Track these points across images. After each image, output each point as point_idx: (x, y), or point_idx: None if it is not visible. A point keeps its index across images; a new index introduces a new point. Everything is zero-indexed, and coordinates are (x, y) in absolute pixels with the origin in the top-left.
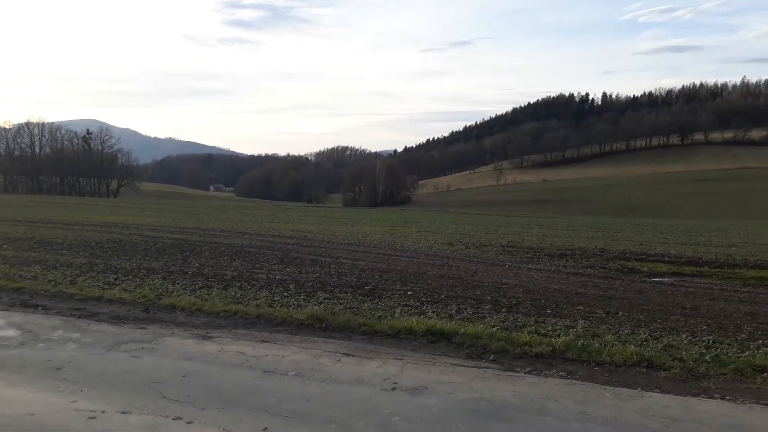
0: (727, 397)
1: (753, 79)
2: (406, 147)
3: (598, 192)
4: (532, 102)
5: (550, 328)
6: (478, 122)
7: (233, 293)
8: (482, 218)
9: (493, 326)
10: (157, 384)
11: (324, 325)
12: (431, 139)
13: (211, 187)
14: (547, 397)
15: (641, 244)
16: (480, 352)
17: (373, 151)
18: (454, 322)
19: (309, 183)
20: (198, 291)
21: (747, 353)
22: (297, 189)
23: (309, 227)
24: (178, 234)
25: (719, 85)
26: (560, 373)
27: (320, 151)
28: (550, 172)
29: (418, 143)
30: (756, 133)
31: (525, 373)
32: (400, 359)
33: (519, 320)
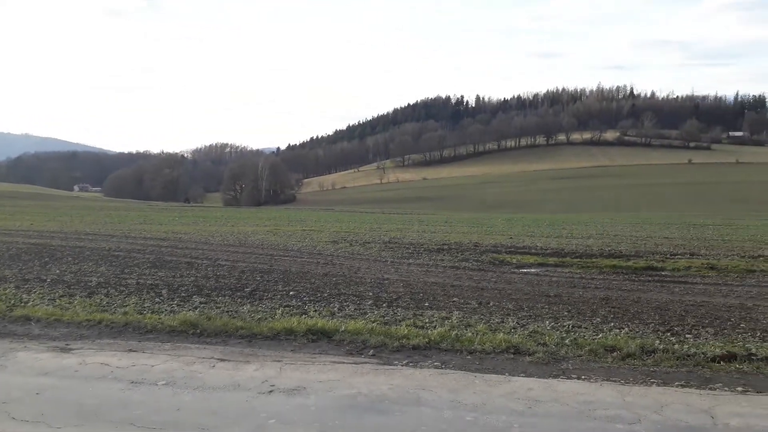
0: (583, 377)
1: (607, 85)
2: (290, 145)
3: (474, 189)
4: (411, 103)
5: (427, 320)
6: (361, 121)
7: (98, 301)
8: (366, 216)
9: (373, 322)
10: (4, 404)
11: (198, 331)
12: (315, 137)
13: (76, 187)
14: (422, 387)
15: (511, 238)
16: (360, 348)
17: (255, 148)
18: (335, 319)
19: (186, 182)
20: (58, 300)
21: (601, 335)
22: (172, 188)
23: (185, 228)
24: (37, 238)
25: (579, 90)
26: (435, 364)
27: (197, 148)
28: (430, 171)
29: (302, 141)
30: (610, 135)
31: (402, 365)
32: (278, 361)
33: (399, 314)
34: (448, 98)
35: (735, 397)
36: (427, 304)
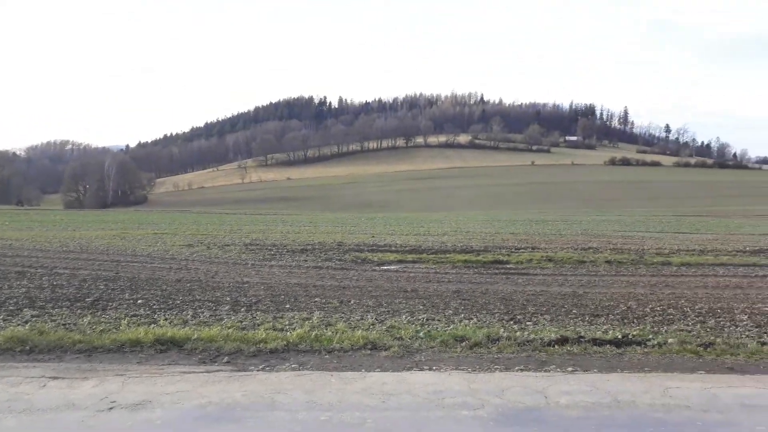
0: (434, 368)
1: (459, 91)
2: (140, 142)
3: (338, 189)
4: (274, 101)
5: (287, 322)
6: (220, 119)
7: None
8: (227, 217)
9: (229, 327)
10: None
11: (28, 348)
12: (169, 134)
13: None
14: (277, 391)
15: (373, 237)
16: (213, 356)
17: (100, 145)
18: (188, 327)
19: (18, 182)
20: None
21: (452, 327)
22: (2, 189)
23: (17, 234)
24: None
25: (435, 95)
26: (292, 366)
27: (33, 145)
28: (294, 171)
29: (154, 138)
30: (463, 138)
31: (258, 370)
32: (121, 375)
33: (258, 318)
34: (311, 98)
35: (565, 377)
36: (288, 306)
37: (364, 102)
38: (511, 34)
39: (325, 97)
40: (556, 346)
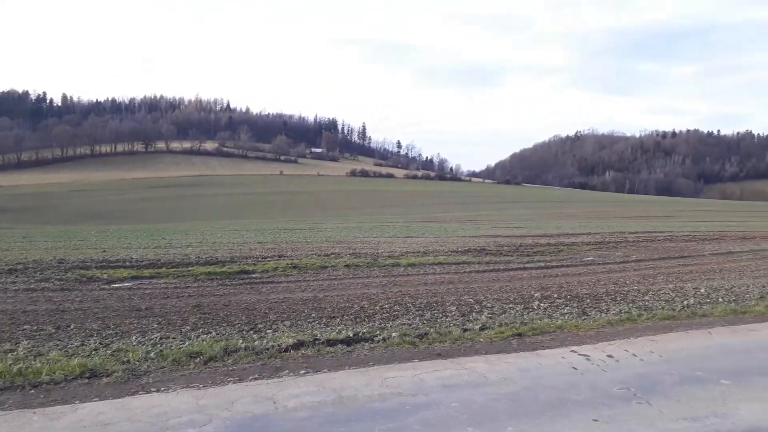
0: (162, 389)
1: (205, 96)
2: None
3: (63, 198)
4: None
5: None
6: None
7: None
8: None
9: None
10: None
11: None
12: None
13: None
14: None
15: (104, 251)
16: None
17: None
18: None
19: None
20: None
21: (188, 343)
22: None
23: None
24: None
25: (177, 99)
26: None
27: None
28: (5, 177)
29: None
30: (209, 145)
31: None
32: None
33: None
34: (26, 93)
35: (296, 380)
36: None
37: (95, 101)
38: (251, 42)
39: (44, 93)
40: (292, 351)
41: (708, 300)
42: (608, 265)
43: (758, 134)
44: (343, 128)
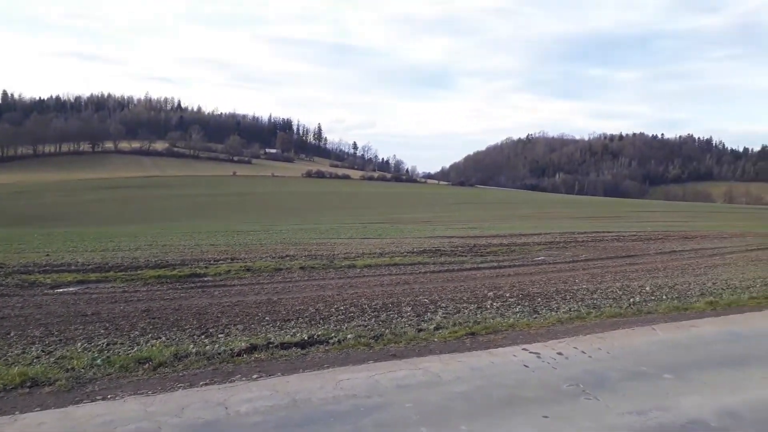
0: (109, 396)
1: (155, 95)
2: None
3: (4, 200)
4: None
5: None
6: None
7: None
8: None
9: None
10: None
11: None
12: None
13: None
14: None
15: (48, 255)
16: None
17: None
18: None
19: None
20: None
21: (136, 349)
22: None
23: None
24: None
25: (126, 98)
26: None
27: None
28: None
29: None
30: (160, 145)
31: None
32: None
33: None
34: None
35: (249, 385)
36: None
37: (38, 99)
38: (202, 41)
39: None
40: (244, 355)
41: (653, 297)
42: (558, 265)
43: (699, 138)
44: (298, 129)
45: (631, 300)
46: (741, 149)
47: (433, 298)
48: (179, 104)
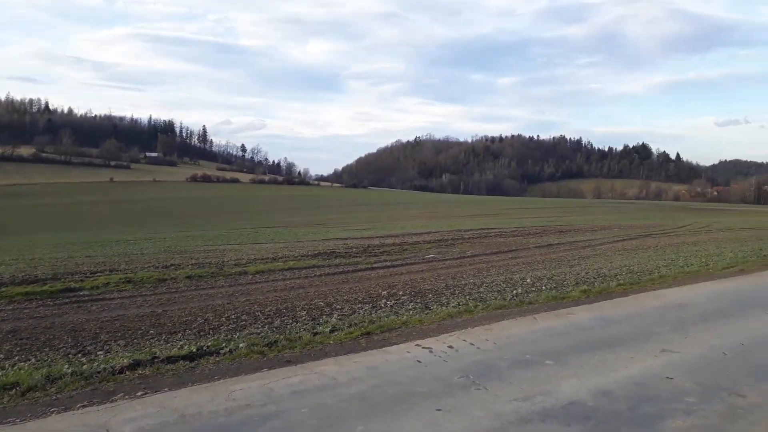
0: None
1: (18, 96)
2: None
3: None
4: None
5: None
6: None
7: None
8: None
9: None
10: None
11: None
12: None
13: None
14: None
15: None
16: None
17: None
18: None
19: None
20: None
21: (1, 374)
22: None
23: None
24: None
25: None
26: None
27: None
28: None
29: None
30: (25, 150)
31: None
32: None
33: None
34: None
35: (132, 403)
36: None
37: None
38: (70, 39)
39: None
40: (127, 372)
41: (533, 289)
42: (447, 261)
43: (570, 139)
44: (181, 131)
45: (514, 292)
46: (606, 149)
47: (328, 300)
48: (47, 106)
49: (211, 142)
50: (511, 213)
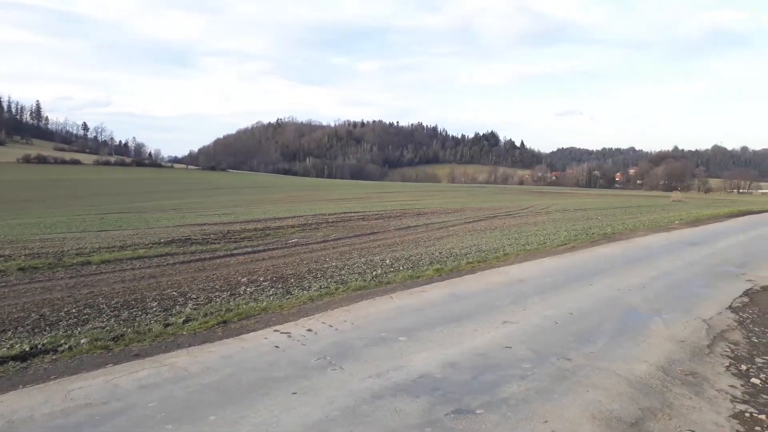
0: None
1: None
2: None
3: None
4: None
5: None
6: None
7: None
8: None
9: None
10: None
11: None
12: None
13: None
14: None
15: None
16: None
17: None
18: None
19: None
20: None
21: None
22: None
23: None
24: None
25: None
26: None
27: None
28: None
29: None
30: None
31: None
32: None
33: None
34: None
35: None
36: None
37: None
38: None
39: None
40: None
41: (392, 269)
42: (311, 245)
43: (427, 125)
44: (9, 106)
45: (374, 273)
46: (460, 136)
47: (182, 290)
48: None
49: (47, 119)
50: (373, 197)
